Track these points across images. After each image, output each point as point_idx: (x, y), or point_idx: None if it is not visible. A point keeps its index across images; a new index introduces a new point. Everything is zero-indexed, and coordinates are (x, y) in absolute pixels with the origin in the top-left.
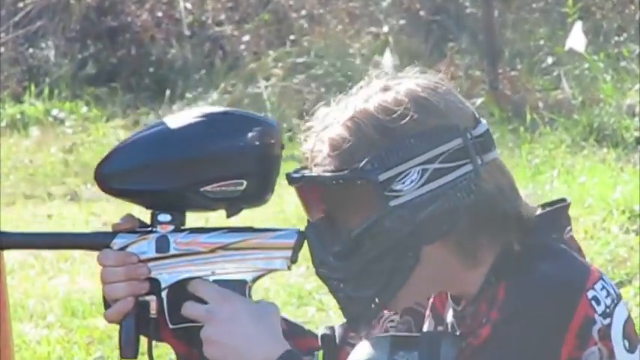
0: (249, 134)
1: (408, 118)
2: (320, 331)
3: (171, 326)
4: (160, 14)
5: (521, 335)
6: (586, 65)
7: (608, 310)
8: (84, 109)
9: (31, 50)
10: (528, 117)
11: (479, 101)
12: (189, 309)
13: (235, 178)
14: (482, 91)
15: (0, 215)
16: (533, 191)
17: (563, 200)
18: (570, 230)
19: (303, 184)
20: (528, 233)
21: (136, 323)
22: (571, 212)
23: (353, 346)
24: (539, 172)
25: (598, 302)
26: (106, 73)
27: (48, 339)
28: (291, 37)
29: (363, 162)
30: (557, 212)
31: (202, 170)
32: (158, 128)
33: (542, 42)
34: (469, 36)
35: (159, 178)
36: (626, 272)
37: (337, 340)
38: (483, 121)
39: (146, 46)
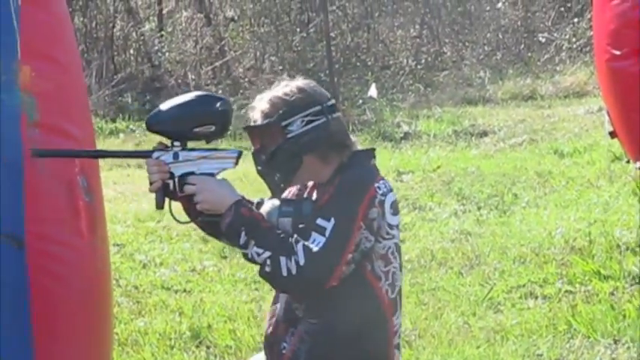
0: (218, 104)
1: (295, 97)
2: (255, 201)
3: (179, 194)
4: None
5: (343, 199)
6: (377, 104)
7: (383, 193)
8: (144, 125)
9: (120, 98)
10: (351, 127)
11: None
12: (187, 188)
13: (210, 124)
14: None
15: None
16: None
17: (373, 148)
18: (374, 161)
19: (249, 130)
20: (352, 155)
21: (163, 193)
22: None
23: None
24: None
25: (380, 189)
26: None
27: (127, 232)
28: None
29: (275, 117)
30: (369, 151)
31: (194, 121)
32: (171, 102)
33: (357, 93)
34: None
35: (175, 125)
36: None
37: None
38: (333, 99)
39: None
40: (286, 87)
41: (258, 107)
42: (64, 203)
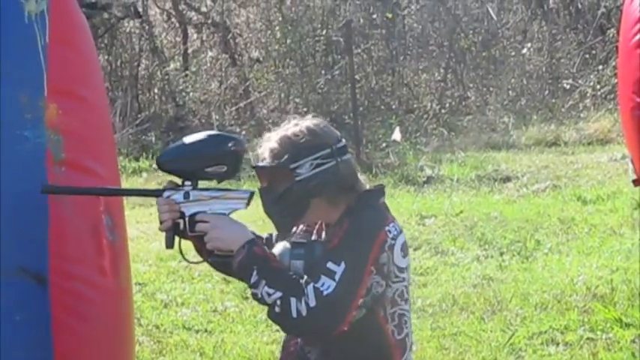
0: (229, 144)
1: (304, 139)
2: (264, 235)
3: (190, 233)
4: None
5: (353, 243)
6: (401, 147)
7: (394, 237)
8: None
9: (143, 137)
10: (374, 171)
11: None
12: (199, 226)
13: (221, 164)
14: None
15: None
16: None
17: (382, 185)
18: (384, 199)
19: (258, 169)
20: (361, 197)
21: (173, 232)
22: (392, 213)
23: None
24: None
25: (390, 232)
26: None
27: (149, 271)
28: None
29: (284, 159)
30: (378, 190)
31: (206, 161)
32: (183, 141)
33: (380, 136)
34: (345, 134)
35: (185, 164)
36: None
37: (273, 240)
38: (343, 140)
39: None
40: (296, 127)
41: (267, 146)
42: (88, 242)
